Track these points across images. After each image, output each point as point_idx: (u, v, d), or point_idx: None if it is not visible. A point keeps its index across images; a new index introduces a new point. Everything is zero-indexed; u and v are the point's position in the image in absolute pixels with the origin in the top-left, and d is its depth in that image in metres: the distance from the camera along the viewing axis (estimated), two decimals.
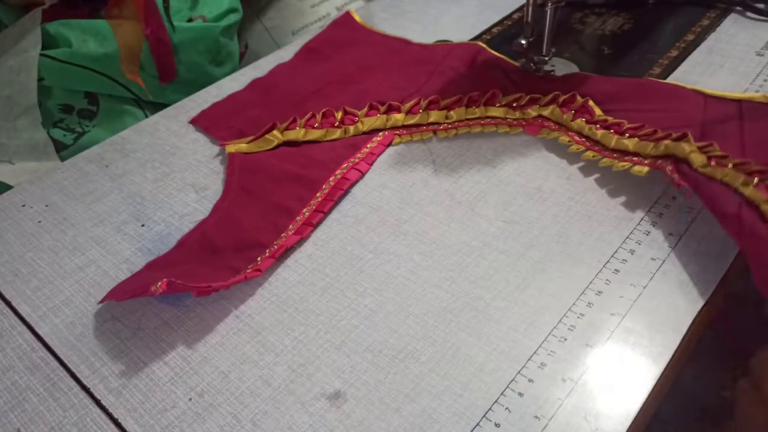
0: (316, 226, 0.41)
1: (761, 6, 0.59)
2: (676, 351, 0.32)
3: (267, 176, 0.45)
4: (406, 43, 0.60)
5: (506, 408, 0.30)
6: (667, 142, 0.40)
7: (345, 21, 0.64)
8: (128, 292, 0.36)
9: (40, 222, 0.43)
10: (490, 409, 0.30)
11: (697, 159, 0.38)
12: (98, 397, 0.32)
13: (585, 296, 0.35)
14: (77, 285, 0.38)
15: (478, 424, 0.30)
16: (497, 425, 0.30)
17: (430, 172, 0.45)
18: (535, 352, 0.33)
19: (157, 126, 0.52)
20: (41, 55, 0.53)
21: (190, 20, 0.62)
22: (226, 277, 0.36)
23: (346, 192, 0.44)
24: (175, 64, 0.60)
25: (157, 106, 0.58)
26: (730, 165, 0.36)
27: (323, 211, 0.42)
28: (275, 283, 0.37)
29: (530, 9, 0.48)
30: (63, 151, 0.56)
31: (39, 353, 0.34)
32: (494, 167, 0.45)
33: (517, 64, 0.53)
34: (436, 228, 0.40)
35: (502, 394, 0.31)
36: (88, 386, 0.32)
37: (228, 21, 0.64)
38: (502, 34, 0.61)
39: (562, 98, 0.47)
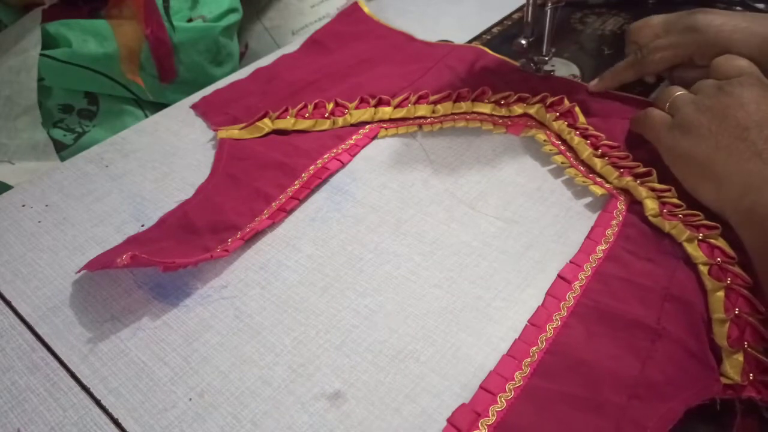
0: (290, 212, 0.42)
1: (761, 6, 0.59)
2: None
3: (252, 163, 0.45)
4: (410, 39, 0.60)
5: None
6: (628, 179, 0.40)
7: (352, 12, 0.65)
8: (100, 264, 0.37)
9: (40, 222, 0.43)
10: None
11: (650, 206, 0.38)
12: (98, 397, 0.32)
13: None
14: (77, 285, 0.38)
15: None
16: None
17: (430, 172, 0.45)
18: None
19: (157, 126, 0.52)
20: (41, 55, 0.53)
21: (190, 20, 0.62)
22: (197, 256, 0.37)
23: (325, 180, 0.44)
24: (175, 64, 0.60)
25: (157, 106, 0.58)
26: (680, 215, 0.37)
27: (298, 199, 0.42)
28: (275, 283, 0.37)
29: (530, 9, 0.48)
30: (63, 151, 0.56)
31: (39, 353, 0.34)
32: (494, 167, 0.45)
33: (517, 63, 0.53)
34: (436, 228, 0.40)
35: None
36: (88, 386, 0.32)
37: (228, 21, 0.64)
38: (502, 34, 0.61)
39: (550, 100, 0.47)
